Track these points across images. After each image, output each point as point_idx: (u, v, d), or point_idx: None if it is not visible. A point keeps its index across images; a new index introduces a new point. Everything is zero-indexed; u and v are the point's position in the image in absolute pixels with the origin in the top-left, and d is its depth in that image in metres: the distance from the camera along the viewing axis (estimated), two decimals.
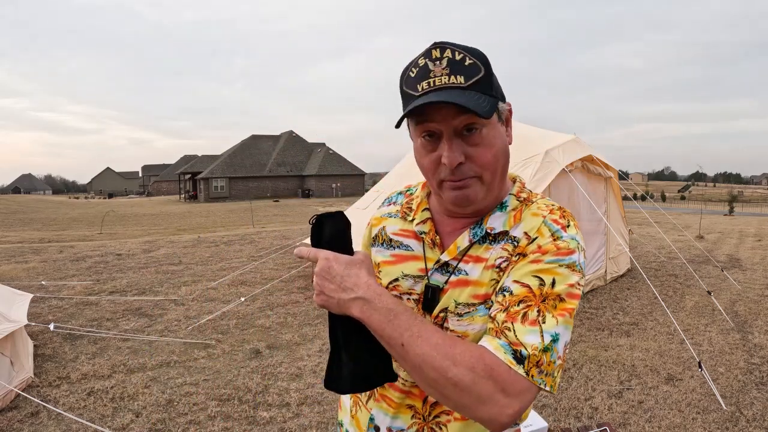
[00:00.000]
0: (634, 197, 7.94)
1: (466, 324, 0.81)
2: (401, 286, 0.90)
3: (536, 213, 0.84)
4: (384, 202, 1.06)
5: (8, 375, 3.30)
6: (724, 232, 12.88)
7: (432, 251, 0.89)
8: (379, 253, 0.97)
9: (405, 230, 0.95)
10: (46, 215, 23.66)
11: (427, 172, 0.83)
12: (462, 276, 0.83)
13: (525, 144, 5.14)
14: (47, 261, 8.80)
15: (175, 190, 59.00)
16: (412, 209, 0.95)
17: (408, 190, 1.03)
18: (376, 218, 1.02)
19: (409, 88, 0.80)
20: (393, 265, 0.93)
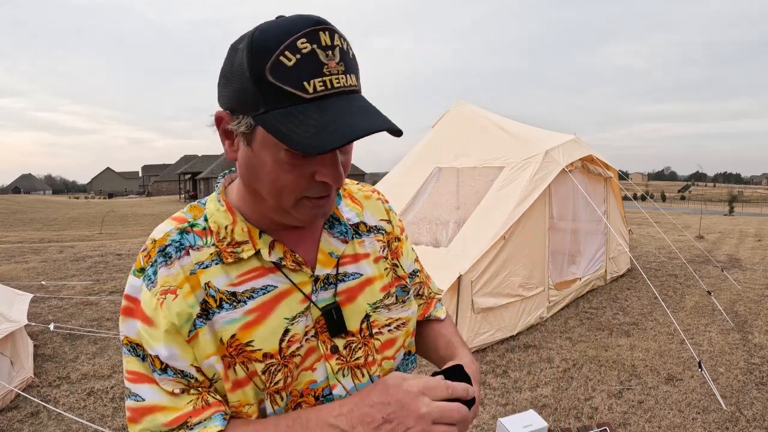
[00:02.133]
0: (634, 197, 7.94)
1: (403, 310, 0.82)
2: (296, 333, 0.70)
3: (368, 196, 0.89)
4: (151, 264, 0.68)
5: (8, 375, 3.30)
6: (724, 232, 12.88)
7: (298, 274, 0.72)
8: (225, 321, 0.67)
9: (249, 271, 0.70)
10: (46, 215, 23.66)
11: (285, 190, 0.64)
12: (357, 279, 0.78)
13: (525, 144, 5.14)
14: (47, 261, 8.80)
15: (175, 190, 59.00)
16: (239, 242, 0.70)
17: (182, 230, 0.71)
18: (173, 283, 0.67)
19: (285, 82, 0.57)
20: (261, 323, 0.68)
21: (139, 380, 0.67)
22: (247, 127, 0.62)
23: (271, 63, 0.57)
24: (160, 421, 0.65)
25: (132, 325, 0.68)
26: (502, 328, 4.34)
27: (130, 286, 0.69)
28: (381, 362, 0.77)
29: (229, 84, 0.62)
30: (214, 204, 0.74)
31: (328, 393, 0.72)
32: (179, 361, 0.65)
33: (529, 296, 4.62)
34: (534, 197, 4.54)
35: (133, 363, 0.67)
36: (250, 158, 0.65)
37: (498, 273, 4.25)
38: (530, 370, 3.78)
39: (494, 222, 4.36)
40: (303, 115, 0.58)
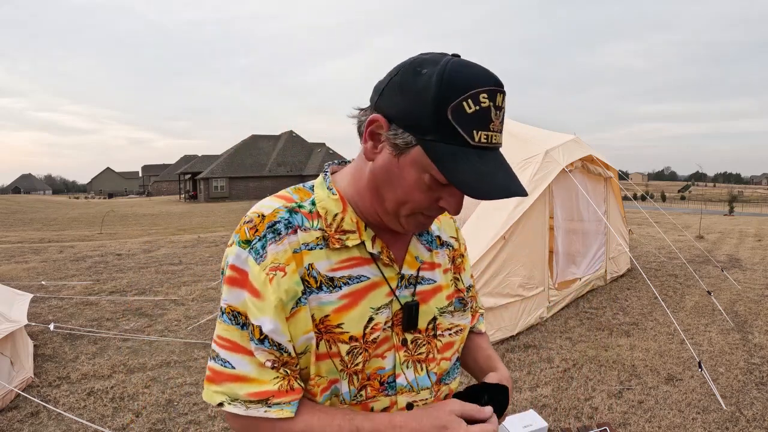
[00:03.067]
0: (634, 197, 7.94)
1: (462, 318, 0.89)
2: (379, 322, 0.77)
3: (445, 214, 0.93)
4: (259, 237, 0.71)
5: (8, 375, 3.30)
6: (724, 232, 12.89)
7: (387, 269, 0.79)
8: (320, 302, 0.73)
9: (348, 259, 0.76)
10: (46, 215, 23.66)
11: (411, 204, 0.72)
12: (431, 284, 0.86)
13: (525, 144, 5.14)
14: (47, 261, 8.80)
15: (175, 190, 59.00)
16: (346, 231, 0.76)
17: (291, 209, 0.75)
18: (282, 260, 0.71)
19: (460, 124, 0.64)
20: (352, 308, 0.75)
21: (234, 349, 0.71)
22: (405, 142, 0.68)
23: (455, 104, 0.64)
24: (243, 391, 0.70)
25: (238, 295, 0.71)
26: (502, 328, 4.34)
27: (235, 256, 0.71)
28: (440, 361, 0.85)
29: (404, 98, 0.67)
30: (323, 191, 0.79)
31: (392, 380, 0.79)
32: (281, 335, 0.71)
33: (529, 296, 4.62)
34: (534, 197, 4.54)
35: (232, 331, 0.72)
36: (392, 167, 0.70)
37: (498, 273, 4.25)
38: (530, 370, 3.78)
39: (494, 222, 4.36)
40: (467, 159, 0.65)
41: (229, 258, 0.72)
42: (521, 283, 4.49)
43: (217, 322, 0.74)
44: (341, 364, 0.74)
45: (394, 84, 0.69)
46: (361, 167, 0.77)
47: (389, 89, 0.69)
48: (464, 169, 0.65)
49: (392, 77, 0.70)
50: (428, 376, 0.82)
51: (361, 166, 0.78)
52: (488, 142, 0.66)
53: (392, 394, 0.79)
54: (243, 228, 0.73)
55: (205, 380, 0.74)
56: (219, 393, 0.71)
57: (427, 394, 0.82)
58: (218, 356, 0.72)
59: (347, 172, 0.81)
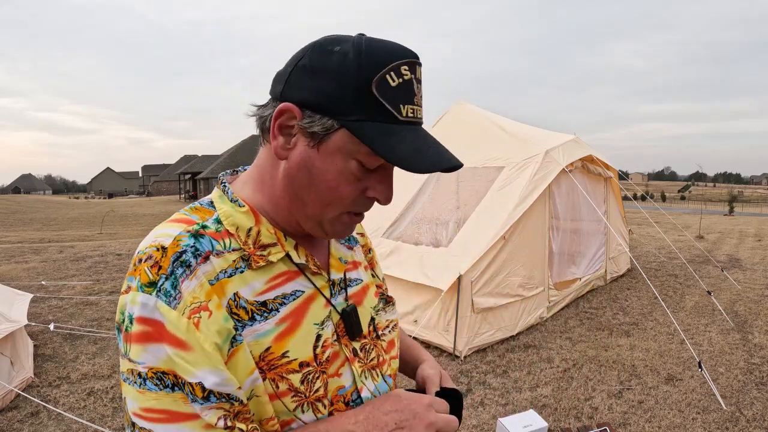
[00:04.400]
0: (634, 197, 7.94)
1: (392, 313, 0.86)
2: (327, 338, 0.69)
3: None
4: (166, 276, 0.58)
5: (8, 375, 3.30)
6: (724, 232, 12.89)
7: (317, 278, 0.71)
8: (256, 335, 0.62)
9: (276, 276, 0.67)
10: (46, 215, 23.66)
11: (337, 200, 0.64)
12: (360, 284, 0.81)
13: (525, 144, 5.14)
14: (47, 261, 8.80)
15: (175, 190, 59.00)
16: (266, 245, 0.67)
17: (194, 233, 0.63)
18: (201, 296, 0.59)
19: (387, 99, 0.59)
20: (295, 331, 0.66)
21: (172, 419, 0.56)
22: (324, 128, 0.60)
23: (378, 78, 0.59)
24: None
25: (156, 352, 0.56)
26: (502, 328, 4.34)
27: (141, 306, 0.57)
28: (390, 362, 0.80)
29: (317, 80, 0.60)
30: (227, 204, 0.68)
31: (357, 397, 0.71)
32: (227, 386, 0.58)
33: (529, 296, 4.62)
34: (534, 197, 4.54)
35: (162, 398, 0.56)
36: (310, 160, 0.62)
37: (498, 273, 4.25)
38: (530, 370, 3.78)
39: (494, 222, 4.36)
40: (400, 135, 0.60)
41: (130, 309, 0.57)
42: (521, 283, 4.49)
43: (132, 394, 0.57)
44: (294, 400, 0.64)
45: (301, 68, 0.62)
46: (267, 170, 0.68)
47: (296, 75, 0.62)
48: (399, 146, 0.59)
49: (297, 62, 0.62)
50: (385, 381, 0.77)
51: (266, 169, 0.68)
52: (414, 117, 0.62)
53: None
54: (141, 268, 0.59)
55: None
56: None
57: None
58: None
59: (248, 180, 0.71)
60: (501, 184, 4.75)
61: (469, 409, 3.20)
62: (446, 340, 4.06)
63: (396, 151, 0.59)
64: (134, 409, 0.57)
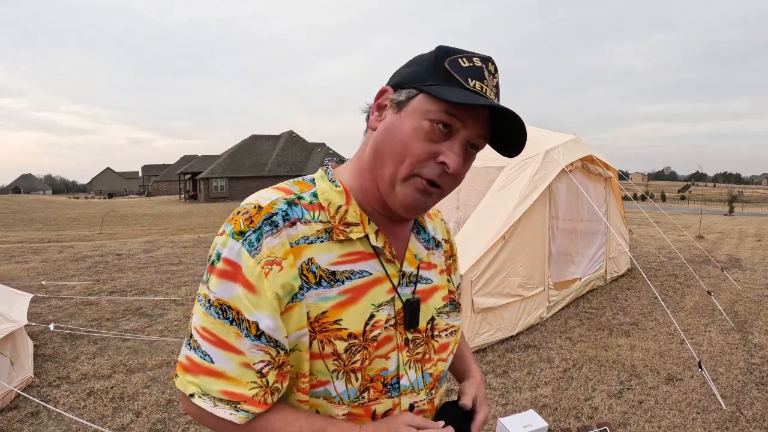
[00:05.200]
0: (634, 197, 7.94)
1: (456, 319, 0.90)
2: (380, 319, 0.75)
3: (436, 215, 0.98)
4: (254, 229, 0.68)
5: (8, 375, 3.30)
6: (724, 232, 12.89)
7: (390, 266, 0.78)
8: (318, 298, 0.71)
9: (351, 253, 0.74)
10: (46, 215, 23.66)
11: (408, 158, 0.70)
12: (429, 284, 0.86)
13: (525, 144, 5.13)
14: (47, 261, 8.80)
15: (175, 190, 59.01)
16: (350, 223, 0.75)
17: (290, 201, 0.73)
18: (278, 253, 0.68)
19: (456, 72, 0.69)
20: (352, 304, 0.73)
21: (217, 344, 0.68)
22: (407, 96, 0.71)
23: (451, 59, 0.70)
24: (217, 387, 0.68)
25: (229, 289, 0.67)
26: (502, 328, 4.34)
27: (228, 248, 0.68)
28: (436, 362, 0.84)
29: (409, 67, 0.75)
30: (326, 183, 0.78)
31: (396, 382, 0.77)
32: (278, 332, 0.68)
33: (529, 296, 4.62)
34: (534, 197, 4.54)
35: (218, 325, 0.68)
36: (392, 123, 0.72)
37: (498, 273, 4.25)
38: (530, 370, 3.78)
39: (494, 222, 4.36)
40: (461, 91, 0.69)
41: (220, 249, 0.68)
42: (521, 283, 4.49)
43: (199, 312, 0.70)
44: (335, 364, 0.71)
45: (403, 66, 0.77)
46: (362, 153, 0.78)
47: (397, 70, 0.77)
48: (454, 93, 0.68)
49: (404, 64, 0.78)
50: (423, 377, 0.81)
51: (362, 152, 0.79)
52: (482, 91, 0.70)
53: (395, 396, 0.77)
54: (237, 218, 0.69)
55: (180, 368, 0.71)
56: (193, 384, 0.68)
57: (423, 395, 0.82)
58: (199, 347, 0.69)
59: (349, 166, 0.81)
60: (501, 184, 4.75)
61: None
62: None
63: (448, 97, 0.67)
64: (196, 324, 0.70)
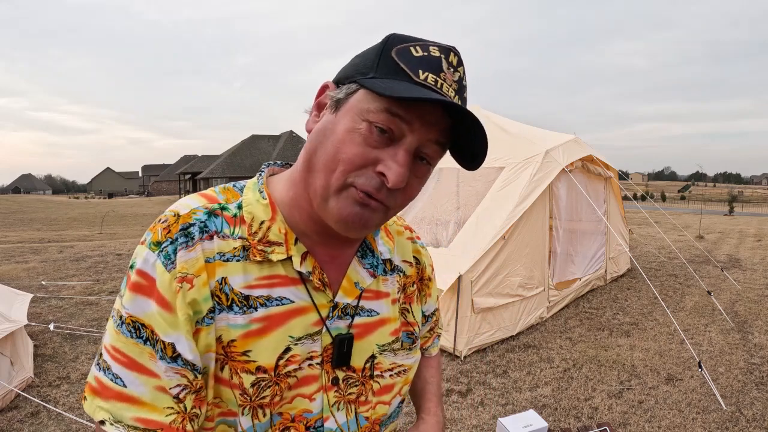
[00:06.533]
0: (634, 197, 7.95)
1: (406, 357, 0.79)
2: (298, 354, 0.66)
3: (400, 233, 0.84)
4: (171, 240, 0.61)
5: (8, 375, 3.30)
6: (724, 232, 12.89)
7: (318, 294, 0.68)
8: (228, 323, 0.63)
9: (269, 276, 0.65)
10: (46, 215, 23.66)
11: (342, 163, 0.60)
12: (373, 316, 0.75)
13: (525, 144, 5.14)
14: (47, 261, 8.80)
15: (175, 190, 59.03)
16: (272, 243, 0.65)
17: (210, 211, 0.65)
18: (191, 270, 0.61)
19: (405, 63, 0.59)
20: (265, 335, 0.64)
21: (130, 366, 0.60)
22: (347, 92, 0.61)
23: (401, 47, 0.60)
24: (130, 414, 0.59)
25: (143, 304, 0.60)
26: (502, 328, 4.34)
27: (143, 260, 0.61)
28: (375, 405, 0.75)
29: (353, 61, 0.64)
30: (253, 193, 0.69)
31: (320, 425, 0.69)
32: (194, 354, 0.61)
33: (529, 296, 4.62)
34: (534, 197, 4.54)
35: (130, 346, 0.60)
36: (327, 124, 0.62)
37: (498, 273, 4.25)
38: (530, 370, 3.78)
39: (494, 222, 4.36)
40: (408, 84, 0.58)
41: (136, 260, 0.61)
42: (521, 283, 4.49)
43: (111, 329, 0.61)
44: (242, 398, 0.64)
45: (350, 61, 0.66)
46: (298, 165, 0.67)
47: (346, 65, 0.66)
48: (395, 86, 0.57)
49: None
50: (357, 420, 0.73)
51: (298, 164, 0.67)
52: (436, 86, 0.58)
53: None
54: (156, 227, 0.63)
55: (89, 390, 0.62)
56: (103, 409, 0.60)
57: None
58: (110, 369, 0.60)
59: (285, 176, 0.71)
60: (501, 185, 4.75)
61: (469, 409, 3.20)
62: (446, 340, 4.06)
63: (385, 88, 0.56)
64: (107, 342, 0.62)
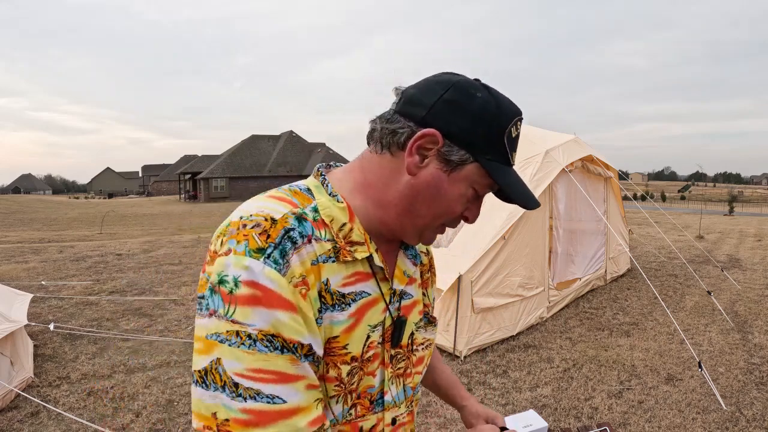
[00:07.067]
0: (634, 197, 7.95)
1: (431, 332, 0.90)
2: (374, 340, 0.74)
3: None
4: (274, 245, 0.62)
5: (8, 375, 3.30)
6: (724, 232, 12.89)
7: (384, 284, 0.77)
8: (332, 321, 0.68)
9: (354, 273, 0.72)
10: (46, 215, 23.66)
11: (445, 215, 0.74)
12: (410, 299, 0.84)
13: (525, 144, 5.13)
14: (47, 261, 8.80)
15: (175, 190, 59.02)
16: (354, 243, 0.71)
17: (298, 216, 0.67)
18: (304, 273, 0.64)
19: (509, 148, 0.72)
20: (357, 327, 0.71)
21: (282, 380, 0.60)
22: (460, 159, 0.70)
23: (508, 129, 0.71)
24: (303, 423, 0.60)
25: (266, 316, 0.59)
26: (502, 328, 4.34)
27: (247, 270, 0.59)
28: (413, 376, 0.85)
29: (462, 118, 0.69)
30: (325, 197, 0.73)
31: (380, 398, 0.77)
32: (321, 350, 0.66)
33: (529, 296, 4.62)
34: None
35: (274, 360, 0.59)
36: (440, 182, 0.71)
37: (498, 273, 4.25)
38: (530, 370, 3.78)
39: (494, 222, 4.36)
40: (513, 177, 0.74)
41: (235, 272, 0.59)
42: (521, 283, 4.49)
43: (239, 354, 0.59)
44: (336, 389, 0.70)
45: (445, 102, 0.69)
46: (379, 177, 0.73)
47: (441, 107, 0.69)
48: (515, 186, 0.73)
49: (441, 95, 0.70)
50: (404, 391, 0.82)
51: (378, 175, 0.74)
52: (513, 163, 0.75)
53: (379, 411, 0.77)
54: (248, 233, 0.61)
55: (239, 427, 0.58)
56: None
57: (404, 408, 0.82)
58: (260, 393, 0.58)
59: (347, 179, 0.76)
60: None
61: None
62: (446, 340, 4.06)
63: (514, 190, 0.73)
64: (238, 369, 0.58)
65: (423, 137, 0.69)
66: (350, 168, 0.78)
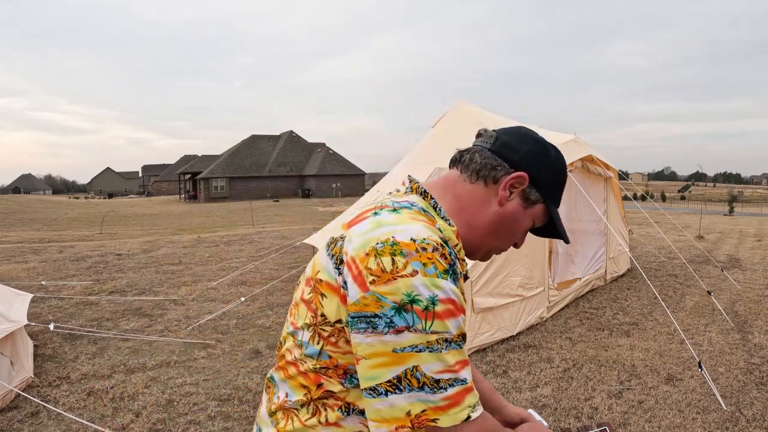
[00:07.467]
0: (634, 197, 7.95)
1: None
2: None
3: None
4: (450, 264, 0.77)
5: (8, 375, 3.30)
6: (724, 232, 12.88)
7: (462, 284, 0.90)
8: None
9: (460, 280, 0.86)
10: (46, 215, 23.65)
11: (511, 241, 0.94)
12: None
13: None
14: (47, 261, 8.80)
15: (175, 190, 59.01)
16: (461, 259, 0.88)
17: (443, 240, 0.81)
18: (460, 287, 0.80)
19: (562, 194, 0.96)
20: None
21: (464, 365, 0.75)
22: (536, 199, 0.90)
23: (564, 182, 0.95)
24: (476, 397, 0.76)
25: (456, 323, 0.74)
26: (502, 328, 4.34)
27: (444, 291, 0.73)
28: None
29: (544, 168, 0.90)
30: (439, 219, 0.86)
31: None
32: None
33: (529, 296, 4.62)
34: None
35: (462, 353, 0.75)
36: (519, 214, 0.90)
37: (498, 273, 4.25)
38: (530, 370, 3.78)
39: None
40: (559, 217, 0.95)
41: (431, 292, 0.71)
42: (521, 283, 4.49)
43: (442, 356, 0.71)
44: None
45: (533, 155, 0.89)
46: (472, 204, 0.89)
47: (530, 157, 0.88)
48: (559, 223, 0.94)
49: (529, 149, 0.89)
50: None
51: (470, 202, 0.89)
52: None
53: None
54: (433, 256, 0.74)
55: (443, 409, 0.72)
56: (463, 409, 0.73)
57: None
58: (456, 379, 0.73)
59: (444, 202, 0.89)
60: None
61: None
62: None
63: (559, 227, 0.94)
64: (438, 369, 0.71)
65: (516, 177, 0.86)
66: (441, 192, 0.90)
